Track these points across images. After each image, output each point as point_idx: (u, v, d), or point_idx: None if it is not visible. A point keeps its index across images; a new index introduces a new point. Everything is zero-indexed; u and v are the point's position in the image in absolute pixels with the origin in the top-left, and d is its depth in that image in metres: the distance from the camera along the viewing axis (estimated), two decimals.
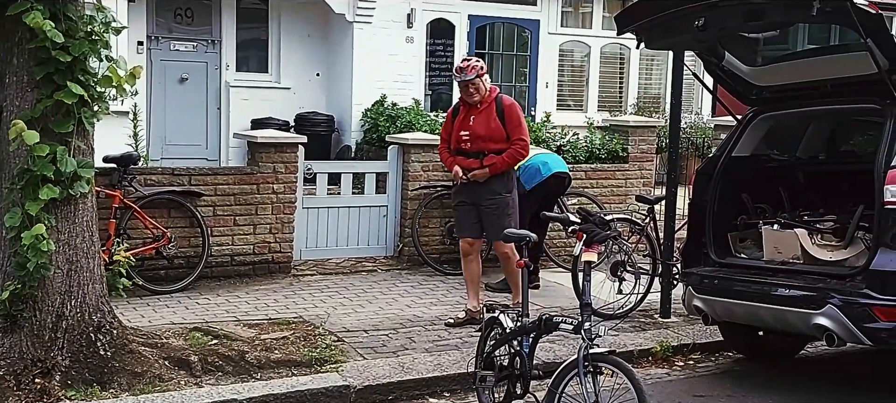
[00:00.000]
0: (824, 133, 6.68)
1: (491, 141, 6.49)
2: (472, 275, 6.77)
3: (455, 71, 6.57)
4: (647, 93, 15.23)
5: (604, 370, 4.32)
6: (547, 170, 7.74)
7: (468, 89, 6.48)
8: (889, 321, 5.00)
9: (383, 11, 12.83)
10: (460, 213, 6.75)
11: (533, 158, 7.74)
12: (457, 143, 6.60)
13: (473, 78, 6.45)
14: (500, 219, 6.48)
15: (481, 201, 6.56)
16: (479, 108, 6.52)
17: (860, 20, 4.94)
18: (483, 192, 6.54)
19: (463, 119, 6.59)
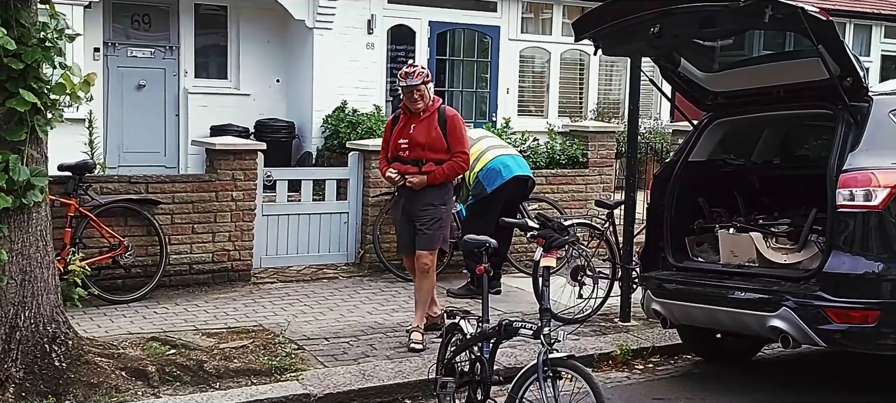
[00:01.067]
0: (778, 137, 6.79)
1: (430, 150, 6.26)
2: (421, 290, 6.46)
3: (400, 76, 6.35)
4: (607, 98, 15.35)
5: (563, 374, 4.34)
6: (509, 172, 7.74)
7: (412, 95, 6.26)
8: (842, 322, 5.08)
9: (343, 17, 12.80)
10: (400, 230, 6.56)
11: (495, 160, 7.74)
12: (394, 151, 6.37)
13: (419, 83, 6.23)
14: (430, 230, 6.28)
15: (416, 211, 6.30)
16: (421, 117, 6.30)
17: (811, 27, 5.02)
18: (418, 202, 6.29)
19: (403, 127, 6.36)
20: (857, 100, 5.31)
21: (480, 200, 7.79)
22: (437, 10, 13.63)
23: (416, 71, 6.30)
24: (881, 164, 5.14)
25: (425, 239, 6.29)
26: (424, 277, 6.35)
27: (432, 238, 6.29)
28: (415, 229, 6.32)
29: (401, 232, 6.54)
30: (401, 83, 6.30)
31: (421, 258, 6.31)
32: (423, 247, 6.31)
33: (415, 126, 6.31)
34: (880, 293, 5.07)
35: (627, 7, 5.76)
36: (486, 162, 7.78)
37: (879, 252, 5.08)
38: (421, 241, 6.30)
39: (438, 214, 6.34)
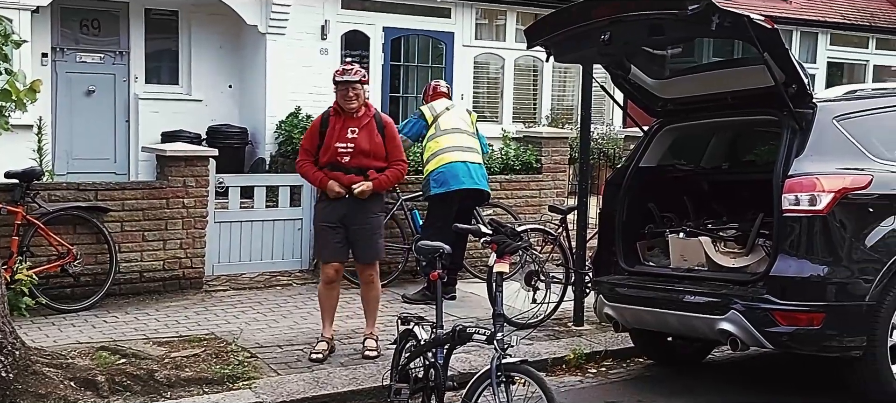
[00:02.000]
0: (726, 143, 6.90)
1: (374, 158, 6.07)
2: (334, 303, 6.31)
3: (337, 72, 6.09)
4: (561, 104, 15.48)
5: (516, 379, 4.37)
6: (457, 183, 7.64)
7: (348, 92, 5.99)
8: (789, 325, 5.19)
9: (297, 23, 12.74)
10: (327, 236, 6.12)
11: (449, 165, 7.67)
12: (332, 157, 6.04)
13: (356, 81, 6.01)
14: (373, 240, 6.17)
15: (355, 221, 6.07)
16: (357, 119, 6.04)
17: (757, 35, 5.13)
18: (359, 212, 6.07)
19: (340, 130, 6.03)
20: (801, 107, 5.43)
21: (434, 203, 7.80)
22: (391, 15, 13.64)
23: (355, 69, 6.11)
24: (825, 170, 5.27)
25: (370, 250, 6.17)
26: (372, 287, 6.28)
27: (377, 248, 6.23)
28: (348, 238, 6.12)
29: (331, 240, 6.12)
30: (337, 79, 6.05)
31: (366, 270, 6.23)
32: (370, 259, 6.22)
33: (356, 131, 6.04)
34: (825, 295, 5.17)
35: (578, 14, 5.83)
36: (441, 163, 7.72)
37: (824, 255, 5.19)
38: (366, 253, 6.17)
39: (379, 223, 6.27)
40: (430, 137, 7.90)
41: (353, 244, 6.15)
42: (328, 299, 6.25)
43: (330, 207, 6.09)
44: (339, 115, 6.08)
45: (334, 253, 6.15)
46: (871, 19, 18.13)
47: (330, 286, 6.21)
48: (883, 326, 5.22)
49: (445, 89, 8.36)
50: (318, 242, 6.34)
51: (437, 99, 8.19)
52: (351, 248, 6.18)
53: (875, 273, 5.21)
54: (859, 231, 5.25)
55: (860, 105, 5.81)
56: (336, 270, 6.19)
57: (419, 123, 8.03)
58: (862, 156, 5.44)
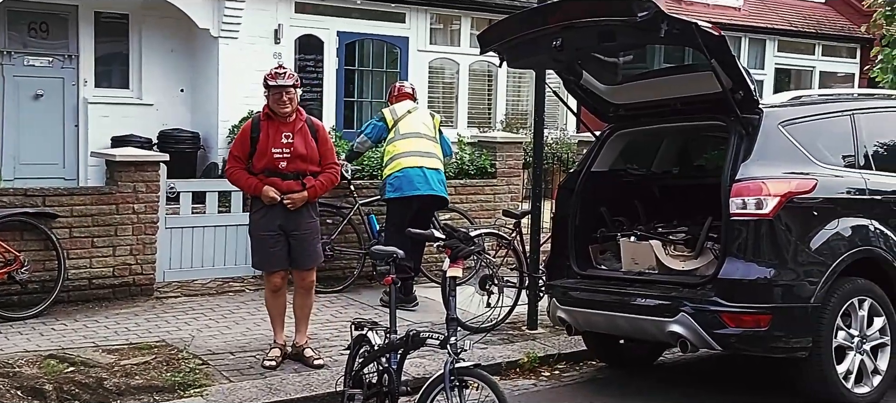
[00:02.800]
0: (676, 148, 7.00)
1: (310, 163, 5.98)
2: (283, 309, 6.21)
3: (269, 76, 5.93)
4: (515, 109, 15.58)
5: (470, 383, 4.39)
6: (411, 189, 7.60)
7: (282, 97, 5.86)
8: (737, 327, 5.27)
9: (250, 27, 12.66)
10: (269, 244, 5.97)
11: (405, 170, 7.64)
12: (268, 163, 5.91)
13: (290, 85, 5.88)
14: (313, 246, 6.12)
15: (294, 227, 5.98)
16: (291, 124, 5.93)
17: (705, 42, 5.21)
18: (298, 218, 5.98)
19: (274, 136, 5.90)
20: (748, 113, 5.53)
21: (390, 206, 7.81)
22: (346, 20, 13.62)
23: (288, 72, 5.98)
24: (772, 174, 5.37)
25: (310, 255, 6.10)
26: (309, 294, 6.20)
27: (316, 252, 6.19)
28: (288, 241, 6.00)
29: (272, 247, 5.98)
30: (270, 83, 5.90)
31: (308, 276, 6.14)
32: (310, 264, 6.14)
33: (292, 136, 5.93)
34: (772, 297, 5.27)
35: (530, 20, 5.88)
36: (398, 168, 7.69)
37: (771, 258, 5.29)
38: (306, 259, 6.08)
39: (316, 227, 6.19)
40: (389, 141, 7.87)
41: (292, 250, 6.03)
42: (277, 306, 6.17)
43: (268, 216, 5.96)
44: (272, 120, 5.94)
45: (279, 261, 6.04)
46: (817, 26, 18.55)
47: (278, 293, 6.14)
48: (827, 327, 5.33)
49: (410, 90, 8.33)
50: (259, 251, 6.11)
51: (400, 100, 8.15)
52: (290, 255, 6.05)
53: (820, 275, 5.32)
54: (804, 234, 5.36)
55: (805, 111, 5.94)
56: (282, 278, 6.11)
57: (379, 126, 7.98)
58: (807, 161, 5.56)
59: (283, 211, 5.95)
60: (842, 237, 5.47)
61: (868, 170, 5.82)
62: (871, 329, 5.56)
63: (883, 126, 6.23)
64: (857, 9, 18.23)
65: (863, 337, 5.52)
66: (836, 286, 5.39)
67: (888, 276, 5.66)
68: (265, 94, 5.98)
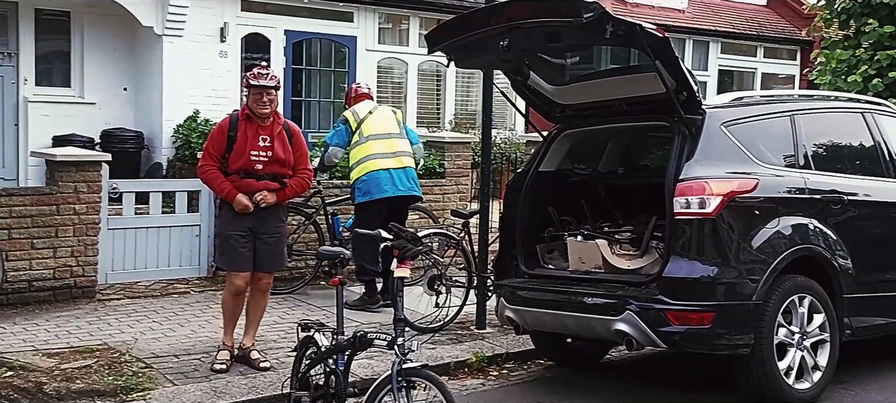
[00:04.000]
0: (622, 148, 7.08)
1: (287, 166, 5.97)
2: (239, 312, 6.11)
3: (252, 76, 5.89)
4: (464, 109, 15.59)
5: (417, 384, 4.39)
6: (380, 192, 7.58)
7: (262, 98, 5.83)
8: (681, 324, 5.34)
9: (195, 25, 12.47)
10: (239, 245, 5.89)
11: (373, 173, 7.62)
12: (245, 164, 5.86)
13: (272, 86, 5.85)
14: (279, 248, 6.10)
15: (265, 231, 5.95)
16: (269, 127, 5.89)
17: (649, 43, 5.27)
18: (268, 221, 5.95)
19: (252, 138, 5.86)
20: (691, 113, 5.60)
21: (360, 210, 7.76)
22: (293, 19, 13.49)
23: (271, 74, 5.95)
24: (714, 174, 5.46)
25: (276, 258, 6.08)
26: (265, 296, 6.17)
27: (282, 256, 6.14)
28: (255, 244, 5.94)
29: (241, 248, 5.91)
30: (252, 82, 5.86)
31: (265, 278, 6.08)
32: (274, 268, 6.14)
33: (270, 139, 5.90)
34: (715, 295, 5.35)
35: (477, 21, 5.90)
36: (365, 171, 7.66)
37: (714, 256, 5.37)
38: (271, 262, 6.04)
39: (284, 231, 6.18)
40: (354, 144, 7.81)
41: (258, 252, 5.97)
42: (235, 308, 6.07)
43: (239, 215, 5.89)
44: (251, 121, 5.89)
45: (247, 262, 5.95)
46: (758, 29, 18.91)
47: (239, 296, 6.04)
48: (769, 324, 5.43)
49: (367, 90, 8.30)
50: (227, 251, 6.01)
51: (359, 101, 8.10)
52: (254, 256, 5.97)
53: (761, 273, 5.42)
54: (746, 232, 5.45)
55: (746, 111, 6.04)
56: (246, 281, 6.00)
57: (343, 130, 7.89)
58: (749, 161, 5.66)
59: (255, 212, 5.89)
60: (782, 235, 5.57)
61: (808, 170, 5.95)
62: (811, 325, 5.68)
63: (822, 127, 6.38)
64: (797, 12, 18.65)
65: (803, 334, 5.64)
66: (777, 284, 5.49)
67: (827, 274, 5.79)
68: (245, 94, 5.94)
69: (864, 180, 6.27)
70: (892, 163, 6.49)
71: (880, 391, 5.95)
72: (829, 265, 5.78)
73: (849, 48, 12.64)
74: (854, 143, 6.55)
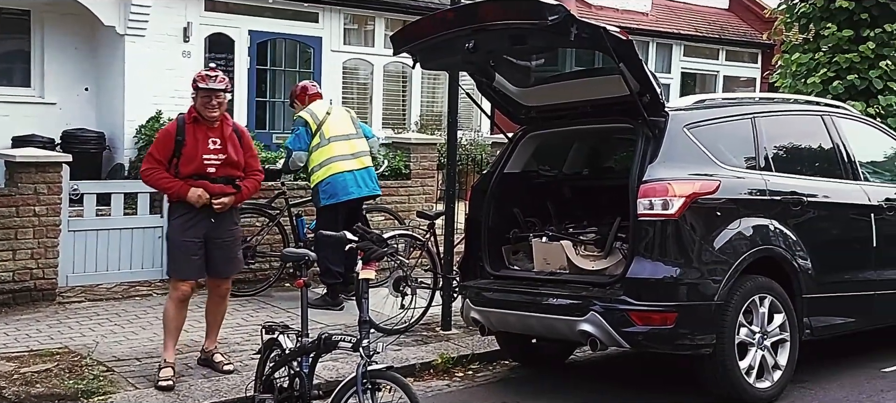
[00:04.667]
0: (587, 150, 7.13)
1: (239, 168, 5.83)
2: (183, 322, 5.95)
3: (199, 78, 5.69)
4: (431, 110, 15.59)
5: (382, 386, 4.39)
6: (345, 194, 7.65)
7: (211, 100, 5.66)
8: (644, 325, 5.39)
9: (157, 24, 12.33)
10: (188, 252, 5.72)
11: (337, 175, 7.65)
12: (197, 169, 5.67)
13: (221, 89, 5.67)
14: (235, 253, 5.98)
15: (219, 236, 5.80)
16: (218, 130, 5.74)
17: (613, 46, 5.32)
18: (222, 226, 5.80)
19: (202, 140, 5.70)
20: (655, 116, 5.66)
21: (323, 213, 7.74)
22: (257, 19, 13.40)
23: (220, 76, 5.75)
24: (677, 175, 5.51)
25: (232, 263, 5.97)
26: (224, 300, 6.04)
27: (238, 260, 6.05)
28: (207, 249, 5.78)
29: (193, 255, 5.74)
30: (200, 85, 5.66)
31: (225, 283, 5.98)
32: (231, 273, 6.03)
33: (217, 142, 5.74)
34: (677, 296, 5.41)
35: (443, 22, 5.90)
36: (329, 174, 7.67)
37: (676, 257, 5.42)
38: (228, 266, 5.93)
39: (238, 233, 6.05)
40: (316, 146, 7.77)
41: (213, 258, 5.82)
42: (178, 319, 5.85)
43: (192, 222, 5.72)
44: (199, 124, 5.74)
45: (197, 270, 5.81)
46: (720, 32, 19.13)
47: (183, 305, 5.86)
48: (730, 324, 5.49)
49: (320, 90, 8.26)
50: (179, 260, 5.79)
51: (314, 101, 8.05)
52: (209, 262, 5.83)
53: (723, 273, 5.48)
54: (708, 233, 5.51)
55: (708, 114, 6.12)
56: (193, 288, 5.88)
57: (303, 132, 7.82)
58: (710, 163, 5.72)
59: (209, 218, 5.74)
60: (743, 236, 5.65)
61: (768, 172, 6.03)
62: (771, 325, 5.76)
63: (782, 129, 6.47)
64: (758, 16, 18.89)
65: (764, 334, 5.71)
66: (739, 284, 5.55)
67: (787, 274, 5.87)
68: (193, 96, 5.75)
69: (823, 182, 6.37)
70: (850, 165, 6.61)
71: (839, 389, 6.05)
72: (789, 265, 5.86)
73: (808, 51, 12.80)
74: (813, 146, 6.65)
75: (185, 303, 5.88)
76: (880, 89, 12.37)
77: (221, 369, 5.91)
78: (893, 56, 12.43)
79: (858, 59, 12.26)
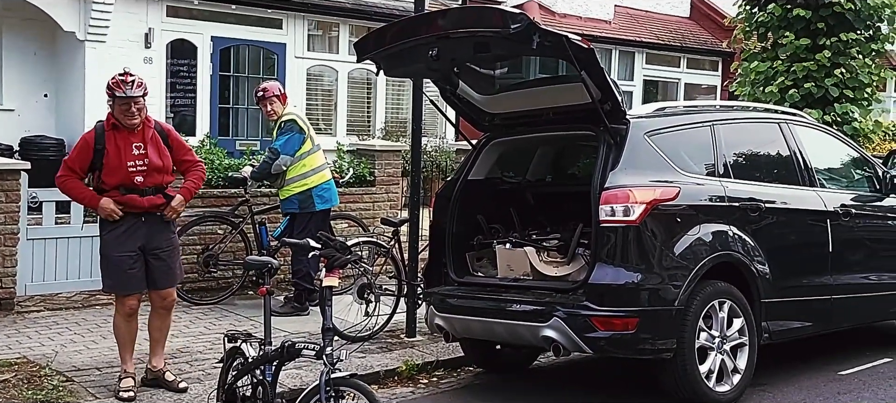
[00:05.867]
0: (550, 157, 7.16)
1: (166, 173, 5.59)
2: (135, 334, 5.75)
3: (114, 84, 5.39)
4: (396, 117, 15.59)
5: (345, 393, 4.38)
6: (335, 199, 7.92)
7: (130, 108, 5.36)
8: (606, 330, 5.44)
9: (118, 30, 12.22)
10: (127, 266, 5.49)
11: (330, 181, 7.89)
12: (123, 179, 5.43)
13: (140, 95, 5.38)
14: (175, 264, 5.74)
15: (157, 247, 5.58)
16: (140, 134, 5.47)
17: (574, 54, 5.37)
18: (160, 236, 5.59)
19: (125, 147, 5.43)
20: (616, 123, 5.72)
21: (301, 216, 7.71)
22: (220, 25, 13.34)
23: (136, 81, 5.41)
24: (638, 182, 5.57)
25: (173, 275, 5.72)
26: (169, 314, 5.82)
27: (177, 270, 5.82)
28: (148, 265, 5.58)
29: (130, 269, 5.51)
30: (116, 93, 5.36)
31: (169, 296, 5.76)
32: (172, 284, 5.79)
33: (141, 146, 5.47)
34: (639, 301, 5.46)
35: (406, 30, 5.91)
36: (324, 179, 7.84)
37: (638, 263, 5.48)
38: (167, 278, 5.68)
39: (176, 243, 5.81)
40: (309, 151, 7.80)
41: (152, 270, 5.60)
42: (130, 332, 5.69)
43: (126, 234, 5.49)
44: (119, 130, 5.46)
45: (138, 283, 5.58)
46: (681, 40, 19.37)
47: (132, 318, 5.66)
48: (691, 329, 5.56)
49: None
50: (114, 275, 5.54)
51: (285, 103, 8.00)
52: (148, 275, 5.61)
53: (683, 279, 5.55)
54: (669, 239, 5.58)
55: (669, 121, 6.19)
56: (138, 300, 5.66)
57: (300, 138, 7.76)
58: (671, 170, 5.79)
59: (144, 229, 5.54)
60: (703, 242, 5.72)
61: (727, 178, 6.12)
62: (730, 329, 5.83)
63: (740, 136, 6.56)
64: (718, 24, 19.15)
65: (723, 338, 5.78)
66: (699, 289, 5.62)
67: (746, 279, 5.95)
68: (109, 104, 5.47)
69: (781, 188, 6.47)
70: (806, 172, 6.72)
71: (797, 392, 6.15)
72: (748, 271, 5.94)
73: (767, 60, 13.02)
74: (771, 152, 6.76)
75: (133, 318, 5.67)
76: (836, 97, 12.62)
77: (176, 387, 5.68)
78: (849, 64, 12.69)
79: (815, 68, 12.49)
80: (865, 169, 7.48)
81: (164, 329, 5.87)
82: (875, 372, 6.68)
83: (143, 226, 5.54)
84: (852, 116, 12.55)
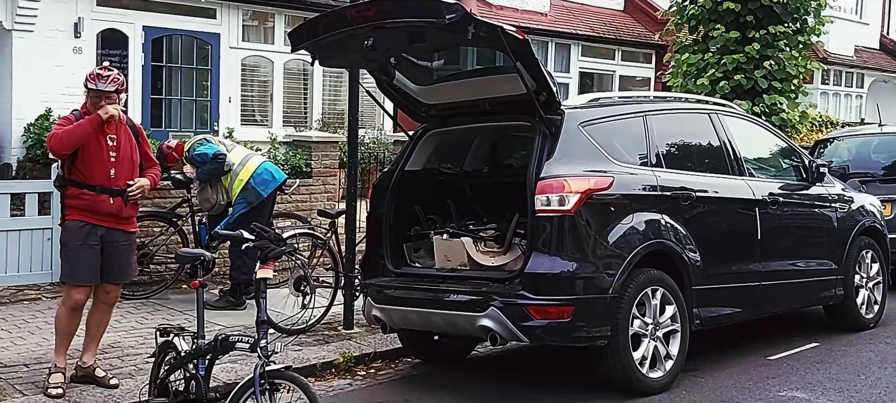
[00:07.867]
0: (487, 148, 7.20)
1: (135, 168, 5.63)
2: (75, 329, 5.67)
3: (90, 77, 5.44)
4: (333, 108, 15.48)
5: (281, 386, 4.35)
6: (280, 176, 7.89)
7: (100, 102, 5.41)
8: (542, 318, 5.49)
9: (47, 19, 11.88)
10: (85, 255, 5.44)
11: (262, 166, 7.81)
12: (96, 166, 5.46)
13: (113, 91, 5.42)
14: (132, 259, 5.73)
15: (117, 239, 5.57)
16: (113, 127, 5.48)
17: (510, 45, 5.40)
18: (121, 228, 5.61)
19: (99, 137, 5.45)
20: (551, 114, 5.77)
21: (255, 208, 7.59)
22: (152, 15, 13.06)
23: (112, 76, 5.47)
24: (573, 172, 5.63)
25: (128, 269, 5.70)
26: (110, 310, 5.78)
27: (134, 266, 5.79)
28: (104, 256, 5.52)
29: (89, 260, 5.47)
30: (90, 86, 5.41)
31: (115, 291, 5.72)
32: (125, 279, 5.79)
33: (115, 139, 5.50)
34: (574, 289, 5.53)
35: (341, 20, 5.86)
36: (254, 168, 7.74)
37: (573, 252, 5.54)
38: (123, 273, 5.67)
39: (135, 239, 5.85)
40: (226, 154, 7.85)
41: (108, 263, 5.54)
42: (72, 325, 5.61)
43: (90, 225, 5.46)
44: None
45: (94, 275, 5.51)
46: (616, 33, 19.62)
47: (77, 311, 5.59)
48: (624, 316, 5.65)
49: None
50: (74, 263, 5.49)
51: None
52: (103, 267, 5.54)
53: (617, 267, 5.63)
54: (603, 228, 5.65)
55: (603, 112, 6.26)
56: (88, 294, 5.60)
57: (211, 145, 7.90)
58: (605, 160, 5.87)
59: (106, 217, 5.49)
60: (636, 231, 5.81)
61: (659, 168, 6.22)
62: (663, 316, 5.93)
63: (672, 127, 6.68)
64: (651, 17, 19.46)
65: (656, 325, 5.89)
66: (632, 277, 5.71)
67: (677, 267, 6.06)
68: (86, 94, 5.49)
69: (712, 177, 6.61)
70: (736, 162, 6.87)
71: (728, 376, 6.29)
72: (680, 258, 6.05)
73: (698, 52, 13.28)
74: (702, 143, 6.89)
75: (79, 311, 5.61)
76: (765, 89, 12.93)
77: (107, 384, 5.57)
78: (777, 57, 13.00)
79: (744, 60, 12.77)
80: (793, 158, 7.69)
81: (103, 325, 5.78)
82: (803, 357, 6.87)
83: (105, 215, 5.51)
84: (781, 107, 12.88)
